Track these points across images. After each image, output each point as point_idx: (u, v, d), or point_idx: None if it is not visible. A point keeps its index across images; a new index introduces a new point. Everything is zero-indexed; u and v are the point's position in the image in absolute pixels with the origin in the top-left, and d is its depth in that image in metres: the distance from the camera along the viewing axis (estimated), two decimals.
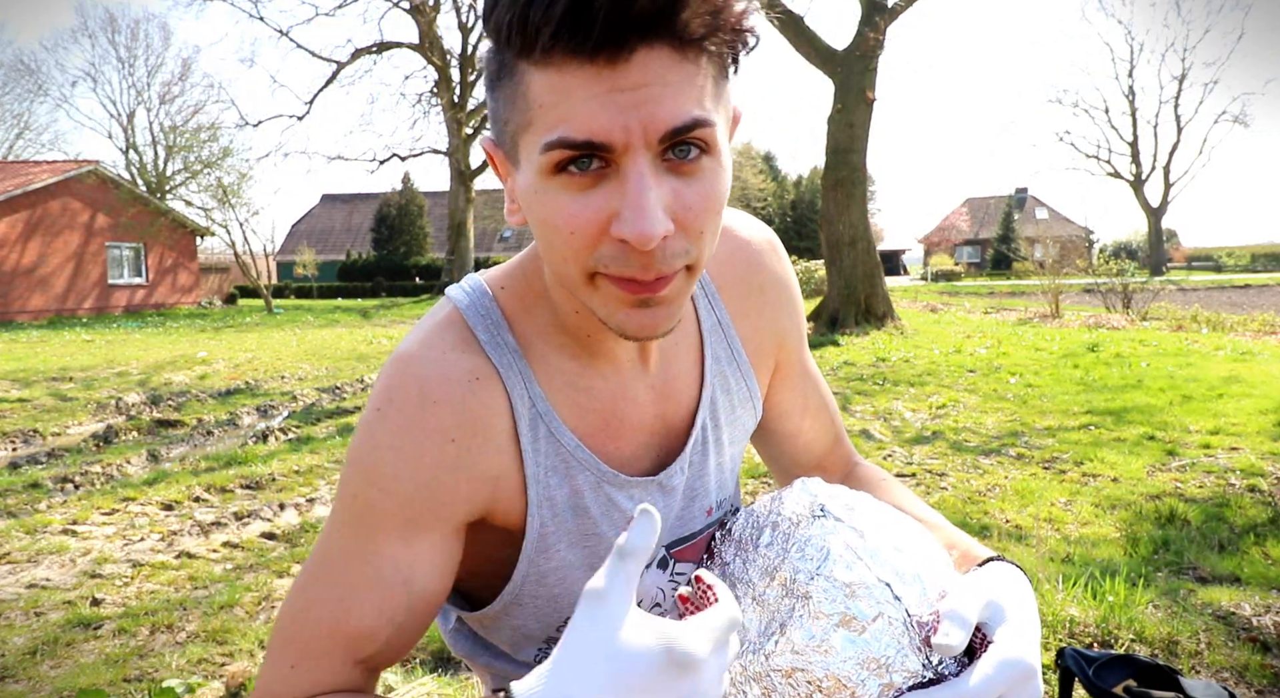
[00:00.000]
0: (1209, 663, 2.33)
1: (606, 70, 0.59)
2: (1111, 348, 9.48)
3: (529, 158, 0.63)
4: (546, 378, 0.77)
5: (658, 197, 0.61)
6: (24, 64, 51.93)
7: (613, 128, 0.59)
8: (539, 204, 0.64)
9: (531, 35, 0.59)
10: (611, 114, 0.59)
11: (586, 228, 0.62)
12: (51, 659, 2.59)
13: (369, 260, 39.80)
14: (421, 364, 0.73)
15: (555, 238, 0.64)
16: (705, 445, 0.87)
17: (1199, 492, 4.01)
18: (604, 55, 0.58)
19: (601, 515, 0.80)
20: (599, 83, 0.59)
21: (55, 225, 23.11)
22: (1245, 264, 57.49)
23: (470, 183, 25.99)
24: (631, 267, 0.63)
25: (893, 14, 12.70)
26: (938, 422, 5.86)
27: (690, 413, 0.85)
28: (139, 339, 14.73)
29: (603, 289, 0.66)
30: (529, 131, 0.62)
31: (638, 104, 0.59)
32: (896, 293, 19.26)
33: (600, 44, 0.58)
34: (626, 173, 0.61)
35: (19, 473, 4.93)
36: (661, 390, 0.84)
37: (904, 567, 0.71)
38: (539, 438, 0.76)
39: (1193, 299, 19.76)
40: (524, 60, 0.61)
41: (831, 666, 0.68)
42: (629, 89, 0.59)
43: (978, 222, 56.83)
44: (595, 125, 0.59)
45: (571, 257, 0.64)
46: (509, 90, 0.63)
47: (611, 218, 0.62)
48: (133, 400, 7.25)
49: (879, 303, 12.91)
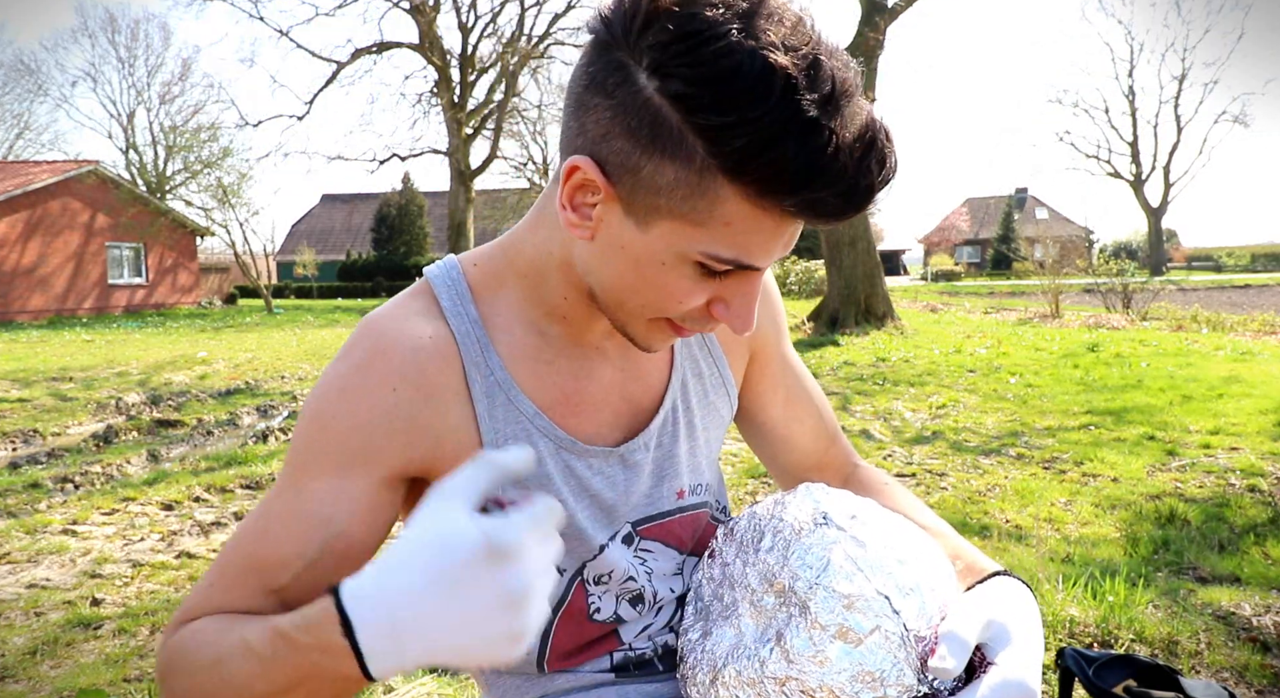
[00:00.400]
0: (1209, 663, 2.33)
1: (794, 223, 0.66)
2: (1111, 348, 9.48)
3: (671, 236, 0.66)
4: (507, 349, 0.80)
5: None
6: (24, 64, 51.93)
7: (771, 261, 0.68)
8: (655, 270, 0.68)
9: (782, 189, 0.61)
10: (777, 253, 0.67)
11: (694, 304, 0.70)
12: (51, 659, 2.59)
13: (369, 260, 39.78)
14: (381, 322, 0.77)
15: (654, 296, 0.70)
16: (675, 426, 0.89)
17: (1199, 492, 4.01)
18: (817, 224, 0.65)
19: (561, 483, 0.82)
20: (786, 233, 0.66)
21: (55, 225, 23.10)
22: (1245, 264, 57.48)
23: (470, 183, 25.98)
24: (703, 327, 0.73)
25: (893, 14, 12.69)
26: (938, 422, 5.86)
27: (659, 394, 0.88)
28: (139, 339, 14.73)
29: (656, 326, 0.74)
30: (694, 227, 0.65)
31: (791, 243, 0.69)
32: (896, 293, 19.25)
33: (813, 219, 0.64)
34: (751, 284, 0.70)
35: (19, 473, 4.93)
36: (628, 371, 0.86)
37: (905, 580, 0.71)
38: (496, 405, 0.79)
39: (1193, 299, 19.76)
40: (736, 184, 0.62)
41: (826, 677, 0.68)
42: (796, 234, 0.68)
43: (978, 222, 56.83)
44: (764, 259, 0.67)
45: (654, 311, 0.72)
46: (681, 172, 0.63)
47: (716, 300, 0.71)
48: (133, 400, 7.25)
49: (879, 303, 12.90)
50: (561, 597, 0.85)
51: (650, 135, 0.62)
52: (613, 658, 0.89)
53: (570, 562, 0.84)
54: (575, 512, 0.83)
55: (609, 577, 0.86)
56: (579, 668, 0.88)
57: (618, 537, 0.86)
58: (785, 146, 0.58)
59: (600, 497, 0.85)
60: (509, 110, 26.64)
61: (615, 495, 0.85)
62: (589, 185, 0.68)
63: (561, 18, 24.57)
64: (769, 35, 0.58)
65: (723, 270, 0.67)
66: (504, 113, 26.34)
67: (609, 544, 0.85)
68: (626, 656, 0.90)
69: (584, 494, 0.83)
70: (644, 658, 0.90)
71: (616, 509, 0.86)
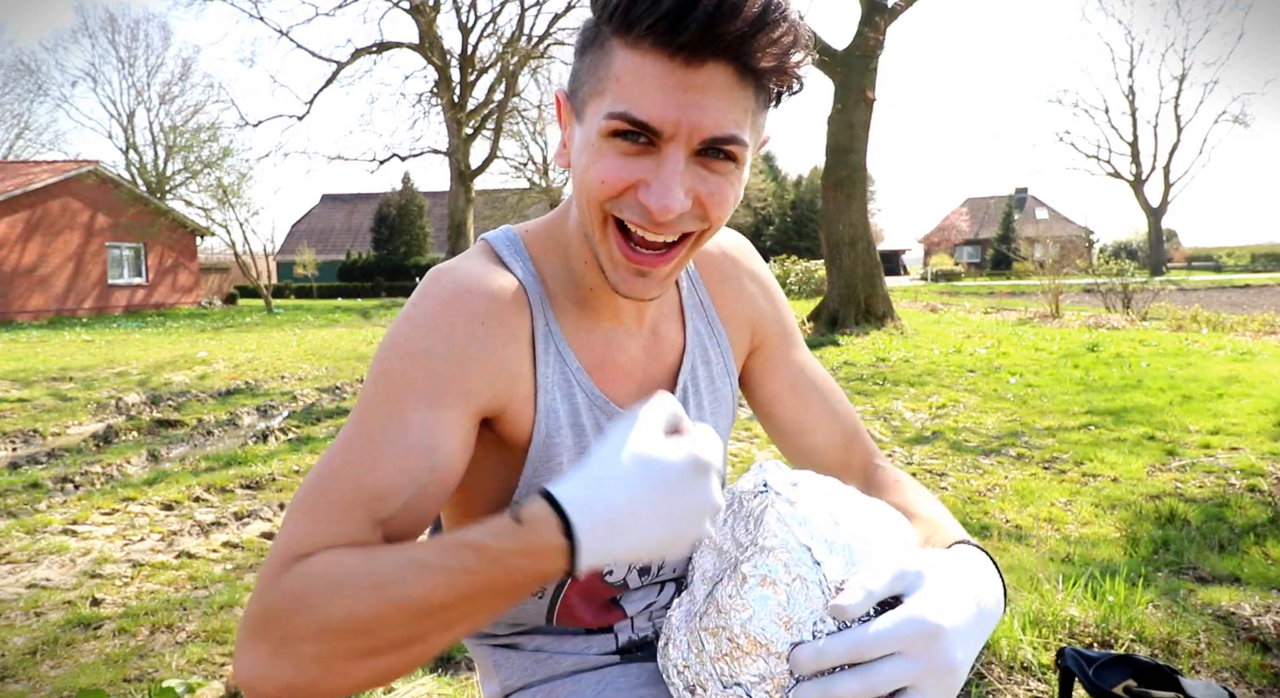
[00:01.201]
0: (1209, 663, 2.33)
1: (680, 70, 0.70)
2: (1111, 348, 9.48)
3: (593, 117, 0.74)
4: (558, 308, 0.87)
5: (681, 180, 0.73)
6: (24, 64, 51.95)
7: (666, 119, 0.71)
8: (587, 156, 0.76)
9: (632, 21, 0.69)
10: (670, 108, 0.71)
11: (618, 184, 0.75)
12: (51, 659, 2.59)
13: (369, 260, 39.78)
14: (456, 270, 0.83)
15: (591, 183, 0.75)
16: (687, 406, 0.96)
17: (1199, 492, 4.01)
18: (682, 57, 0.69)
19: (594, 437, 0.87)
20: (670, 78, 0.70)
21: (55, 225, 23.10)
22: (1245, 264, 57.49)
23: (470, 183, 25.97)
24: (643, 221, 0.76)
25: (893, 14, 12.69)
26: (938, 422, 5.86)
27: (673, 374, 0.96)
28: (139, 339, 14.73)
29: (611, 241, 0.78)
30: (600, 97, 0.73)
31: (692, 107, 0.71)
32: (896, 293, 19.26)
33: (684, 48, 0.69)
34: (666, 156, 0.73)
35: (19, 473, 4.93)
36: (649, 349, 0.94)
37: (834, 537, 0.73)
38: (549, 355, 0.85)
39: (1193, 299, 19.76)
40: (617, 38, 0.72)
41: (748, 623, 0.71)
42: (691, 91, 0.71)
43: (978, 222, 56.82)
44: (655, 113, 0.71)
45: (598, 200, 0.76)
46: (594, 57, 0.74)
47: (640, 184, 0.74)
48: (133, 400, 7.25)
49: (879, 303, 12.90)
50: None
51: (583, 44, 0.76)
52: (618, 639, 0.94)
53: None
54: None
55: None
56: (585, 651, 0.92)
57: None
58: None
59: None
60: (509, 110, 26.64)
61: None
62: (563, 114, 0.80)
63: (561, 18, 24.54)
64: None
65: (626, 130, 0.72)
66: (504, 113, 26.34)
67: None
68: (630, 638, 0.94)
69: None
70: (646, 639, 0.95)
71: None
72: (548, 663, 0.92)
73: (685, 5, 0.67)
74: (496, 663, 0.94)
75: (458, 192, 25.67)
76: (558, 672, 0.91)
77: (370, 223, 42.29)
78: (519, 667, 0.93)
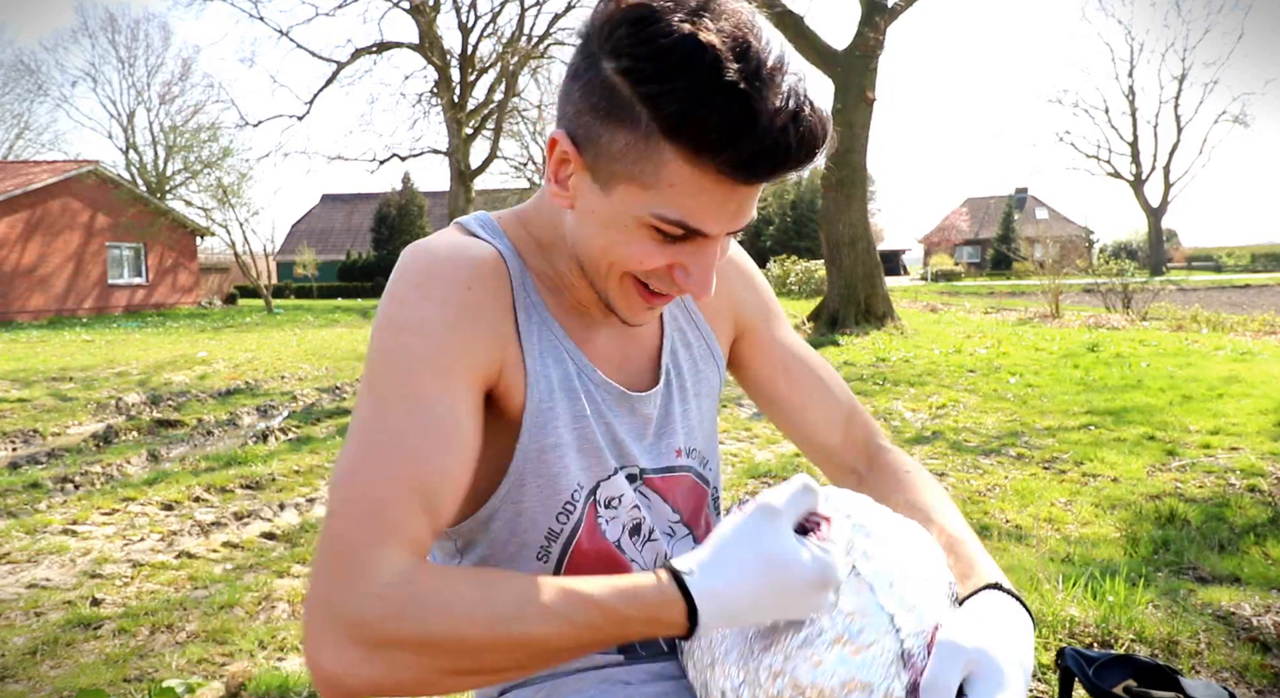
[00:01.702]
0: (1209, 663, 2.33)
1: (738, 188, 0.73)
2: (1111, 348, 9.48)
3: (629, 200, 0.74)
4: (538, 281, 0.88)
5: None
6: (24, 64, 52.10)
7: (720, 228, 0.75)
8: (619, 233, 0.76)
9: (704, 147, 0.69)
10: (724, 220, 0.74)
11: (654, 267, 0.78)
12: (51, 659, 2.59)
13: (369, 260, 39.78)
14: (430, 242, 0.84)
15: (617, 258, 0.78)
16: (670, 389, 0.97)
17: (1199, 492, 4.01)
18: (742, 181, 0.72)
19: (586, 401, 0.88)
20: (732, 198, 0.73)
21: (55, 225, 23.10)
22: (1245, 264, 57.48)
23: (470, 183, 25.96)
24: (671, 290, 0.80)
25: (893, 14, 12.69)
26: (938, 422, 5.86)
27: (654, 359, 0.97)
28: (139, 339, 14.73)
29: (626, 288, 0.80)
30: (645, 190, 0.73)
31: (742, 213, 0.75)
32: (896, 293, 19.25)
33: (746, 177, 0.71)
34: (706, 250, 0.77)
35: (19, 473, 4.93)
36: (624, 337, 0.94)
37: (906, 596, 0.74)
38: (532, 321, 0.85)
39: (1193, 299, 19.76)
40: (675, 147, 0.70)
41: (819, 678, 0.71)
42: (740, 206, 0.74)
43: (978, 222, 56.82)
44: (711, 225, 0.74)
45: (619, 271, 0.79)
46: (632, 141, 0.72)
47: (677, 267, 0.77)
48: (133, 400, 7.25)
49: (879, 303, 12.90)
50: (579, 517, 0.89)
51: (607, 107, 0.72)
52: None
53: (587, 479, 0.88)
54: (596, 431, 0.88)
55: (619, 501, 0.91)
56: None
57: (623, 471, 0.92)
58: (711, 108, 0.67)
59: (613, 427, 0.91)
60: (509, 110, 26.61)
61: (625, 433, 0.91)
62: (566, 159, 0.78)
63: (561, 18, 24.51)
64: (706, 21, 0.68)
65: (675, 233, 0.74)
66: (504, 113, 26.32)
67: (619, 470, 0.91)
68: None
69: (600, 420, 0.89)
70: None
71: (626, 446, 0.92)
72: None
73: (768, 151, 0.69)
74: None
75: (458, 192, 25.66)
76: (560, 671, 0.91)
77: (370, 223, 42.28)
78: None
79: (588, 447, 0.87)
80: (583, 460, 0.87)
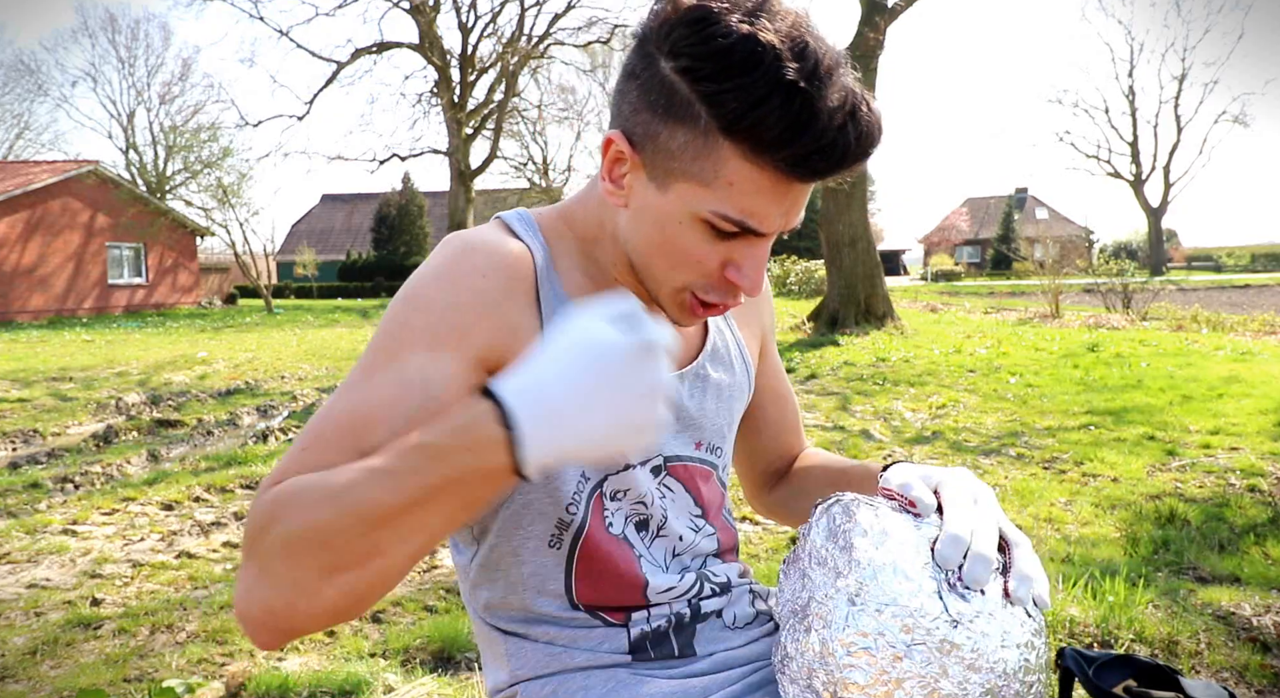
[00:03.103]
0: (1209, 663, 2.33)
1: (797, 187, 0.74)
2: (1111, 348, 9.48)
3: (686, 198, 0.76)
4: (566, 278, 0.88)
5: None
6: (24, 64, 51.99)
7: (776, 226, 0.76)
8: (674, 230, 0.78)
9: (764, 144, 0.70)
10: (780, 219, 0.76)
11: (708, 266, 0.79)
12: (51, 659, 2.59)
13: (369, 260, 39.76)
14: (467, 233, 0.86)
15: (675, 258, 0.79)
16: (703, 383, 0.98)
17: (1199, 492, 4.01)
18: (801, 178, 0.73)
19: None
20: (787, 196, 0.74)
21: (55, 225, 23.10)
22: (1245, 264, 57.48)
23: (470, 183, 25.95)
24: (723, 297, 0.81)
25: (893, 14, 12.69)
26: (938, 422, 5.86)
27: (691, 357, 0.98)
28: (139, 339, 14.73)
29: (682, 300, 0.82)
30: (703, 188, 0.74)
31: (796, 210, 0.77)
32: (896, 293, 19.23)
33: (805, 174, 0.72)
34: (759, 249, 0.78)
35: (19, 473, 4.93)
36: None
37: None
38: (558, 318, 0.84)
39: (1193, 299, 19.76)
40: (733, 144, 0.72)
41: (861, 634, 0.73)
42: (795, 203, 0.76)
43: (978, 222, 56.81)
44: (767, 223, 0.75)
45: (678, 274, 0.80)
46: (690, 138, 0.73)
47: (730, 263, 0.78)
48: (133, 400, 7.25)
49: (879, 303, 12.89)
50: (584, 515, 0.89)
51: (665, 106, 0.74)
52: (630, 634, 0.92)
53: (595, 472, 0.89)
54: None
55: (624, 494, 0.91)
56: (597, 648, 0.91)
57: (648, 464, 0.92)
58: (771, 106, 0.68)
59: None
60: (509, 110, 26.62)
61: None
62: (621, 158, 0.79)
63: (561, 18, 24.54)
64: (764, 21, 0.69)
65: (731, 231, 0.75)
66: (504, 113, 26.32)
67: (636, 466, 0.91)
68: (644, 630, 0.92)
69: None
70: (660, 631, 0.93)
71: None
72: (560, 656, 0.91)
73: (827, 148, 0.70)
74: (508, 652, 0.94)
75: (458, 192, 25.66)
76: (569, 666, 0.91)
77: (370, 223, 42.25)
78: (530, 657, 0.93)
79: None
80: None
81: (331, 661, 2.50)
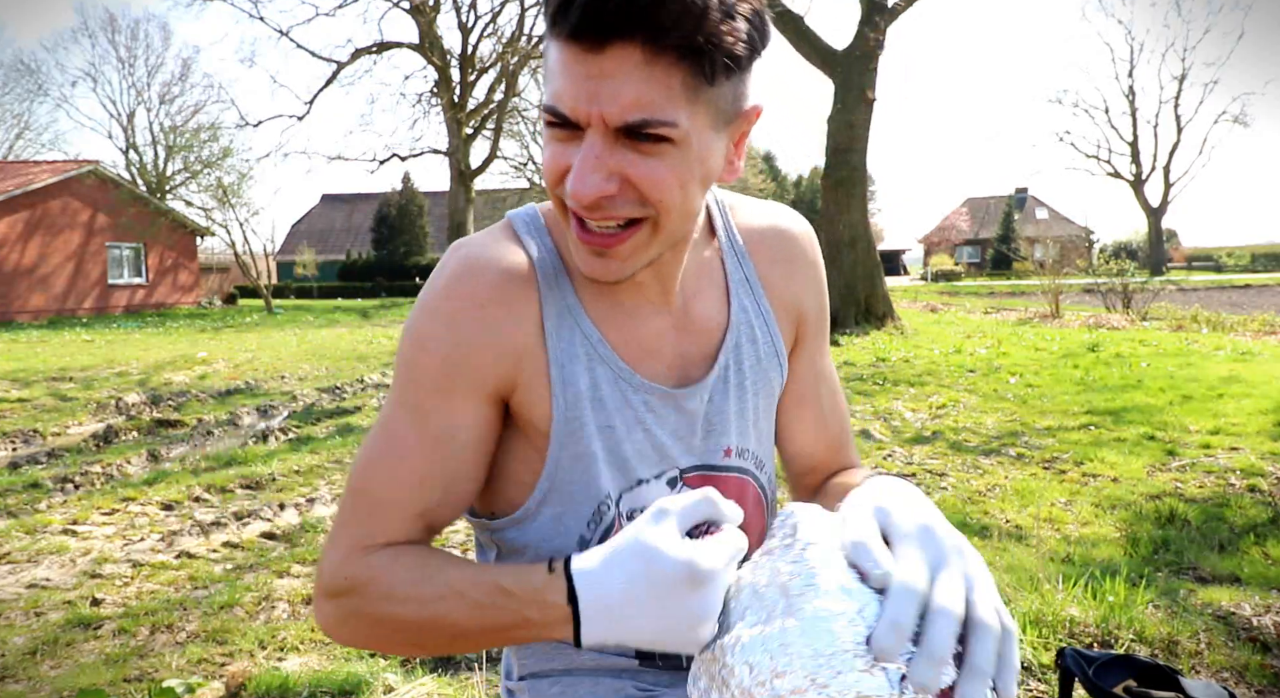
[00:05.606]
0: (1209, 663, 2.33)
1: (586, 56, 0.69)
2: (1111, 348, 9.48)
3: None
4: (578, 283, 0.86)
5: (601, 165, 0.71)
6: (24, 64, 51.89)
7: (579, 109, 0.70)
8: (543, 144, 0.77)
9: (550, 15, 0.70)
10: (581, 98, 0.70)
11: (556, 170, 0.75)
12: (51, 659, 2.59)
13: (369, 260, 39.76)
14: (469, 247, 0.85)
15: (544, 170, 0.77)
16: (727, 385, 0.92)
17: (1199, 492, 4.01)
18: (584, 44, 0.68)
19: (616, 410, 0.86)
20: (578, 67, 0.69)
21: (55, 225, 23.10)
22: (1245, 264, 57.48)
23: (470, 183, 25.96)
24: (575, 206, 0.75)
25: (893, 14, 12.69)
26: (938, 422, 5.86)
27: (713, 352, 0.91)
28: (139, 339, 14.73)
29: (570, 224, 0.78)
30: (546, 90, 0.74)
31: (599, 95, 0.69)
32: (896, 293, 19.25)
33: (581, 34, 0.68)
34: (584, 143, 0.72)
35: (19, 473, 4.93)
36: (681, 326, 0.90)
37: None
38: (563, 327, 0.84)
39: (1193, 299, 19.76)
40: (550, 33, 0.72)
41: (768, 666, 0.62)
42: (595, 78, 0.69)
43: (978, 222, 56.80)
44: (569, 103, 0.71)
45: (550, 187, 0.78)
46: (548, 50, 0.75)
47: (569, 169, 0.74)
48: (133, 400, 7.25)
49: (879, 303, 12.90)
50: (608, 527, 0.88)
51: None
52: None
53: (615, 490, 0.87)
54: (624, 442, 0.86)
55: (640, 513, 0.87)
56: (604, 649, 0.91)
57: (663, 477, 0.89)
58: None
59: (653, 433, 0.88)
60: (509, 110, 26.61)
61: (667, 436, 0.89)
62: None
63: None
64: None
65: (552, 122, 0.73)
66: (504, 113, 26.32)
67: (650, 481, 0.89)
68: None
69: (637, 427, 0.87)
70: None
71: (668, 449, 0.89)
72: (568, 654, 0.92)
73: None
74: (517, 647, 0.95)
75: (458, 192, 25.66)
76: (575, 665, 0.91)
77: (370, 223, 42.25)
78: (538, 653, 0.93)
79: (613, 458, 0.86)
80: (610, 471, 0.86)
81: (331, 661, 2.50)
